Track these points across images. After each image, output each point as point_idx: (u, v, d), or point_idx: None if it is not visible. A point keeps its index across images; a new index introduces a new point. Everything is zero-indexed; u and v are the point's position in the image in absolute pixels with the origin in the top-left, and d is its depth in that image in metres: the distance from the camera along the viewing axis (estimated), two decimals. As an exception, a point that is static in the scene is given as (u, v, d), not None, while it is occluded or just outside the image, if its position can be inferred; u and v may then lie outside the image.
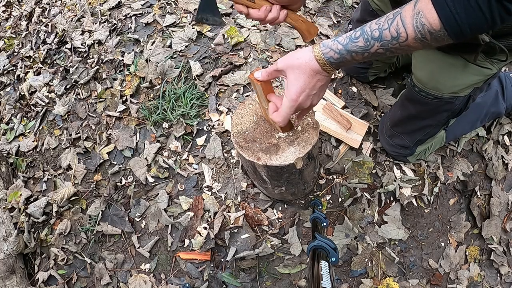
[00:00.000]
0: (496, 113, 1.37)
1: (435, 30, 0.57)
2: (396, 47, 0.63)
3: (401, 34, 0.61)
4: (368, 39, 0.65)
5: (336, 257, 0.72)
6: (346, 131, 1.43)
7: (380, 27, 0.63)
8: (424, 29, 0.58)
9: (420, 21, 0.58)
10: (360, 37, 0.66)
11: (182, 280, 1.35)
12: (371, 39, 0.65)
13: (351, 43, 0.67)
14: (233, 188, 1.43)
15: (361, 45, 0.66)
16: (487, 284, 1.29)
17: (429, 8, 0.56)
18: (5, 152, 1.73)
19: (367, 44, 0.65)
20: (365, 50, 0.66)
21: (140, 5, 1.98)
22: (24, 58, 2.03)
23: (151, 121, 1.60)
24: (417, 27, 0.58)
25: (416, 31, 0.59)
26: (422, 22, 0.57)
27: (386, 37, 0.63)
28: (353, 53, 0.68)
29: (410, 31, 0.59)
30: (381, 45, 0.64)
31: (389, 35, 0.62)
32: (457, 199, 1.40)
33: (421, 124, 1.17)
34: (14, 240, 1.43)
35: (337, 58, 0.69)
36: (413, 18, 0.58)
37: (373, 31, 0.64)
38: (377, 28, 0.64)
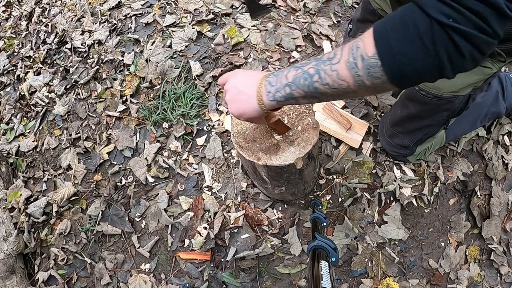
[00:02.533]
0: (496, 113, 1.37)
1: (368, 56, 0.50)
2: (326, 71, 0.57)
3: (336, 55, 0.56)
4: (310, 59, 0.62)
5: (336, 257, 0.72)
6: (346, 131, 1.43)
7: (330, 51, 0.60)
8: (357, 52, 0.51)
9: (356, 45, 0.52)
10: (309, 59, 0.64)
11: (182, 280, 1.35)
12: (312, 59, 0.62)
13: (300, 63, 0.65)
14: (233, 188, 1.43)
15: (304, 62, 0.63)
16: (487, 284, 1.29)
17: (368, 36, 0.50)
18: (5, 152, 1.73)
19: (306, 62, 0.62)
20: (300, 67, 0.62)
21: (140, 5, 1.98)
22: (24, 58, 2.03)
23: (151, 121, 1.60)
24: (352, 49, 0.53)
25: (349, 53, 0.53)
26: (357, 46, 0.52)
27: (323, 57, 0.58)
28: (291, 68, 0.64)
29: (345, 53, 0.54)
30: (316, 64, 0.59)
31: (327, 56, 0.58)
32: (457, 199, 1.40)
33: (421, 124, 1.17)
34: (14, 240, 1.43)
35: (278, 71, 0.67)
36: (353, 42, 0.54)
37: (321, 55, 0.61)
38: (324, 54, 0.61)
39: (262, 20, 1.82)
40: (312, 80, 0.59)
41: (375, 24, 0.49)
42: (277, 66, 1.66)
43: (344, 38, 1.47)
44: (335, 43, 1.72)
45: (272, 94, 0.66)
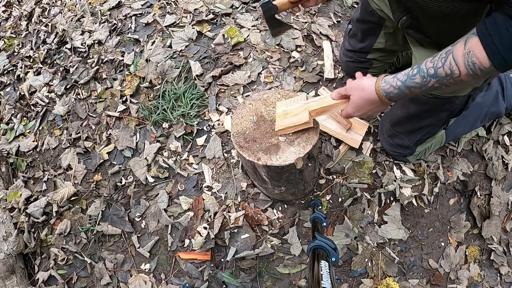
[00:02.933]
0: (496, 113, 1.37)
1: (485, 68, 0.64)
2: (451, 82, 0.71)
3: (454, 72, 0.68)
4: (424, 76, 0.73)
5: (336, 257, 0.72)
6: (346, 131, 1.43)
7: (435, 65, 0.70)
8: (475, 67, 0.65)
9: (471, 60, 0.64)
10: (417, 75, 0.74)
11: (182, 280, 1.35)
12: (427, 76, 0.72)
13: (409, 80, 0.76)
14: (233, 188, 1.43)
15: (418, 81, 0.74)
16: (487, 284, 1.29)
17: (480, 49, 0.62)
18: (5, 152, 1.73)
19: (424, 81, 0.73)
20: (422, 85, 0.74)
21: (140, 5, 1.98)
22: (24, 58, 2.03)
23: (151, 121, 1.60)
24: (469, 65, 0.65)
25: (468, 69, 0.66)
26: (473, 61, 0.64)
27: (441, 74, 0.70)
28: (411, 88, 0.76)
29: (463, 69, 0.66)
30: (437, 81, 0.72)
31: (444, 72, 0.69)
32: (457, 199, 1.40)
33: (421, 124, 1.17)
34: (14, 240, 1.43)
35: (396, 93, 0.79)
36: (464, 57, 0.65)
37: (429, 69, 0.72)
38: (432, 67, 0.71)
39: (262, 20, 1.82)
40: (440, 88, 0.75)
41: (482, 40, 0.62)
42: (277, 66, 1.66)
43: (344, 38, 1.47)
44: (335, 43, 1.72)
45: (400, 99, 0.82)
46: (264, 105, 1.08)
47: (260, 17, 1.83)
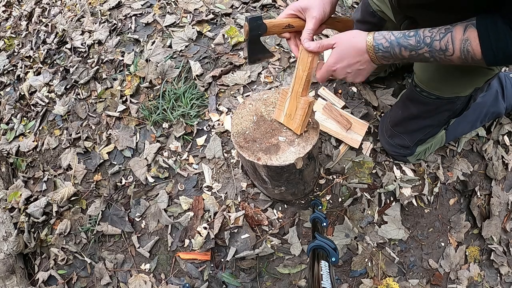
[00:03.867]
0: (496, 113, 1.37)
1: (477, 59, 0.69)
2: (441, 58, 0.74)
3: (448, 49, 0.71)
4: (419, 41, 0.74)
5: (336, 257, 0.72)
6: (346, 131, 1.43)
7: (433, 36, 0.72)
8: (468, 54, 0.70)
9: (467, 48, 0.69)
10: (413, 37, 0.75)
11: (182, 280, 1.35)
12: (422, 42, 0.74)
13: (403, 38, 0.76)
14: (233, 188, 1.43)
15: (412, 43, 0.75)
16: (487, 284, 1.29)
17: (476, 43, 0.67)
18: (5, 152, 1.73)
19: (418, 45, 0.74)
20: (414, 49, 0.75)
21: (140, 5, 1.98)
22: (24, 58, 2.03)
23: (151, 121, 1.60)
24: (463, 51, 0.69)
25: (461, 53, 0.70)
26: (468, 49, 0.69)
27: (435, 46, 0.72)
28: (402, 47, 0.76)
29: (457, 50, 0.70)
30: (429, 51, 0.74)
31: (439, 46, 0.72)
32: (457, 199, 1.40)
33: (422, 124, 1.17)
34: (14, 240, 1.43)
35: (386, 46, 0.77)
36: (461, 42, 0.69)
37: (425, 37, 0.73)
38: (429, 36, 0.73)
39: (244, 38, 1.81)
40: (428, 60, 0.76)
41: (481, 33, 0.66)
42: (277, 66, 1.66)
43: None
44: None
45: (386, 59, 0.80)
46: (264, 105, 1.08)
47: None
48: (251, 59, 0.98)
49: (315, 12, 0.86)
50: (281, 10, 1.85)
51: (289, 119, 0.98)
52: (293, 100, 0.95)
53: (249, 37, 0.90)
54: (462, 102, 1.03)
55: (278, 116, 1.02)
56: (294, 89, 0.94)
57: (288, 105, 0.97)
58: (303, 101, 0.93)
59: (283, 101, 0.98)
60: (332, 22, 0.95)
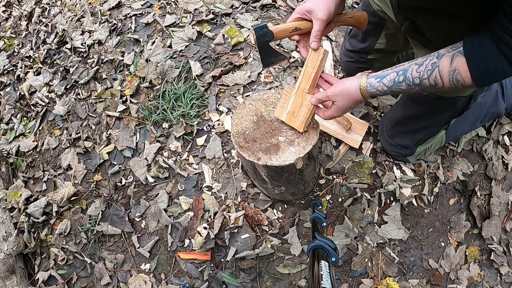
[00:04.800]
0: (496, 113, 1.37)
1: (467, 84, 0.71)
2: (432, 90, 0.82)
3: (438, 84, 0.74)
4: (410, 84, 0.78)
5: (336, 257, 0.72)
6: (346, 131, 1.43)
7: (421, 76, 0.76)
8: (458, 83, 0.72)
9: (456, 78, 0.71)
10: (403, 82, 0.79)
11: (182, 280, 1.35)
12: (412, 84, 0.78)
13: (395, 86, 0.81)
14: (233, 188, 1.43)
15: (403, 88, 0.80)
16: (487, 284, 1.29)
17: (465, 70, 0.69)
18: (5, 152, 1.73)
19: (409, 88, 0.79)
20: (406, 90, 0.81)
21: (140, 5, 1.98)
22: (24, 58, 2.03)
23: (151, 121, 1.60)
24: (453, 81, 0.72)
25: (451, 83, 0.73)
26: (457, 79, 0.71)
27: (425, 84, 0.76)
28: (395, 91, 0.82)
29: (446, 82, 0.73)
30: (421, 89, 0.78)
31: (428, 83, 0.76)
32: (457, 199, 1.40)
33: (422, 124, 1.17)
34: (14, 240, 1.43)
35: (381, 94, 0.85)
36: (449, 74, 0.71)
37: (414, 79, 0.77)
38: (418, 77, 0.76)
39: (262, 20, 1.82)
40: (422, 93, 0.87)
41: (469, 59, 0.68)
42: (277, 67, 1.66)
43: (344, 38, 1.46)
44: (335, 43, 1.72)
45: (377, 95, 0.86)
46: (264, 105, 1.08)
47: (259, 18, 1.83)
48: (265, 63, 1.02)
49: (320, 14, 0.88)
50: (281, 10, 1.85)
51: (292, 117, 0.99)
52: (298, 97, 0.97)
53: (258, 45, 0.94)
54: (463, 102, 1.03)
55: (279, 114, 1.02)
56: (301, 86, 0.96)
57: (293, 102, 0.98)
58: (309, 98, 0.94)
59: (287, 99, 0.99)
60: (343, 19, 0.97)
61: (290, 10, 1.85)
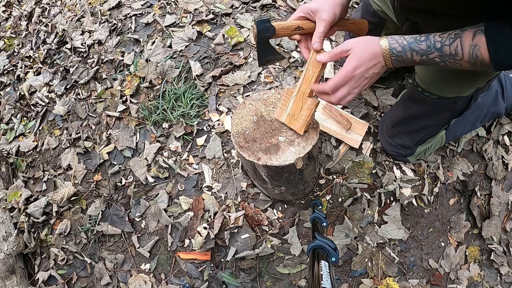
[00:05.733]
0: (496, 113, 1.37)
1: (485, 63, 0.71)
2: (451, 62, 0.75)
3: (458, 54, 0.73)
4: (430, 46, 0.75)
5: (336, 257, 0.72)
6: (346, 131, 1.43)
7: (442, 41, 0.74)
8: (477, 59, 0.71)
9: (476, 53, 0.70)
10: (424, 41, 0.76)
11: (182, 280, 1.35)
12: (432, 47, 0.75)
13: (415, 43, 0.77)
14: (233, 188, 1.43)
15: (423, 47, 0.76)
16: (487, 284, 1.29)
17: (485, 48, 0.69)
18: (5, 152, 1.73)
19: (428, 50, 0.76)
20: (425, 53, 0.76)
21: (140, 5, 1.98)
22: (24, 58, 2.03)
23: (151, 121, 1.60)
24: (472, 56, 0.71)
25: (471, 57, 0.72)
26: (477, 55, 0.70)
27: (446, 51, 0.74)
28: (413, 52, 0.77)
29: (466, 55, 0.72)
30: (440, 55, 0.75)
31: (448, 51, 0.74)
32: (457, 199, 1.40)
33: (422, 124, 1.17)
34: (14, 240, 1.43)
35: (399, 51, 0.78)
36: (470, 47, 0.71)
37: (436, 42, 0.75)
38: (439, 41, 0.74)
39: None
40: (439, 64, 0.77)
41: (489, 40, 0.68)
42: (277, 66, 1.66)
43: (345, 38, 1.47)
44: (335, 43, 1.72)
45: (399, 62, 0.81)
46: (264, 105, 1.08)
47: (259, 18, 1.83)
48: (261, 61, 0.96)
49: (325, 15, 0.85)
50: (281, 10, 1.85)
51: (292, 119, 0.98)
52: (298, 100, 0.95)
53: (258, 39, 0.89)
54: (464, 102, 1.03)
55: (279, 116, 1.01)
56: (301, 89, 0.94)
57: (293, 105, 0.97)
58: (310, 102, 0.93)
59: (287, 101, 0.98)
60: (345, 23, 0.95)
61: (290, 10, 1.85)
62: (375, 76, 0.83)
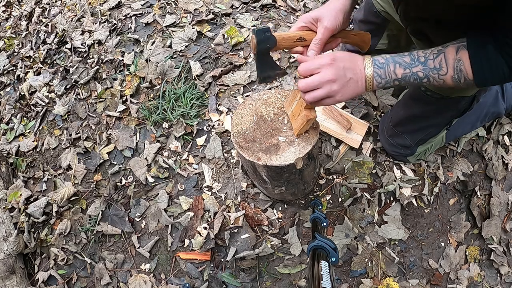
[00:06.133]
0: (496, 113, 1.37)
1: (469, 79, 0.72)
2: (434, 77, 0.75)
3: (442, 68, 0.73)
4: (414, 59, 0.75)
5: (336, 257, 0.72)
6: (346, 131, 1.43)
7: (426, 56, 0.74)
8: (461, 73, 0.72)
9: (460, 67, 0.71)
10: (407, 56, 0.76)
11: (182, 280, 1.35)
12: (416, 60, 0.75)
13: (398, 57, 0.77)
14: (233, 188, 1.43)
15: (407, 60, 0.76)
16: (487, 284, 1.29)
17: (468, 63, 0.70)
18: (5, 152, 1.73)
19: (412, 63, 0.75)
20: (408, 66, 0.76)
21: (140, 5, 1.98)
22: (24, 58, 2.03)
23: (151, 121, 1.60)
24: (456, 70, 0.72)
25: (455, 71, 0.72)
26: (461, 68, 0.71)
27: (430, 65, 0.74)
28: (396, 64, 0.76)
29: (450, 69, 0.72)
30: (423, 69, 0.75)
31: (433, 64, 0.74)
32: (457, 199, 1.40)
33: (424, 124, 1.17)
34: (14, 240, 1.43)
35: (381, 63, 0.77)
36: (454, 61, 0.71)
37: (419, 57, 0.75)
38: (423, 55, 0.75)
39: (262, 20, 1.82)
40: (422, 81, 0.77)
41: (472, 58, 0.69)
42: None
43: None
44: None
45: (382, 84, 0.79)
46: (264, 105, 1.08)
47: (259, 18, 1.83)
48: (261, 77, 0.88)
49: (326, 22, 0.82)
50: (281, 10, 1.85)
51: (293, 118, 0.99)
52: (299, 105, 0.94)
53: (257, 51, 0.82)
54: (466, 102, 1.03)
55: (287, 108, 1.02)
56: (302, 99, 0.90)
57: (295, 106, 0.97)
58: (304, 115, 0.90)
59: (293, 99, 0.97)
60: (347, 35, 0.91)
61: (290, 10, 1.85)
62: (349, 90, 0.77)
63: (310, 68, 0.77)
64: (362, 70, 0.77)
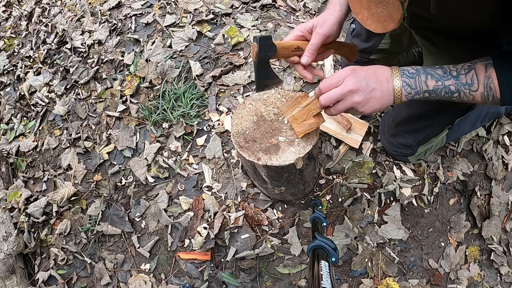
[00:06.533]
0: (496, 113, 1.37)
1: (497, 97, 0.72)
2: (465, 93, 0.74)
3: (474, 83, 0.72)
4: (446, 72, 0.74)
5: (336, 257, 0.72)
6: (346, 131, 1.43)
7: (458, 70, 0.73)
8: (490, 92, 0.71)
9: (490, 84, 0.71)
10: (440, 69, 0.75)
11: (182, 280, 1.35)
12: (448, 74, 0.74)
13: (430, 69, 0.75)
14: (233, 188, 1.43)
15: (439, 73, 0.74)
16: (487, 284, 1.29)
17: (496, 82, 0.70)
18: (5, 152, 1.73)
19: (444, 76, 0.74)
20: (440, 79, 0.74)
21: (140, 5, 1.98)
22: (24, 58, 2.03)
23: (151, 121, 1.60)
24: (487, 87, 0.71)
25: (485, 89, 0.72)
26: (491, 86, 0.71)
27: (462, 79, 0.73)
28: (428, 75, 0.74)
29: (481, 86, 0.72)
30: (455, 83, 0.73)
31: (465, 79, 0.73)
32: (457, 199, 1.40)
33: (427, 123, 1.16)
34: (14, 240, 1.43)
35: (411, 72, 0.75)
36: (485, 78, 0.71)
37: (452, 71, 0.74)
38: (454, 70, 0.74)
39: (262, 20, 1.82)
40: (452, 95, 0.75)
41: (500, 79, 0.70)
42: (277, 66, 1.66)
43: (346, 38, 1.46)
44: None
45: (411, 95, 0.76)
46: (264, 105, 1.08)
47: (259, 18, 1.83)
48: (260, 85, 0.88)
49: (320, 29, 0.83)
50: (281, 10, 1.85)
51: (295, 121, 0.98)
52: (304, 112, 0.93)
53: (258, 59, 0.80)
54: None
55: (285, 112, 1.01)
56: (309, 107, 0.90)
57: (298, 112, 0.96)
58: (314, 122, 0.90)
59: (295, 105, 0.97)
60: (338, 46, 0.92)
61: (290, 10, 1.85)
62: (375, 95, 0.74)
63: (331, 82, 0.76)
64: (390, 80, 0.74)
